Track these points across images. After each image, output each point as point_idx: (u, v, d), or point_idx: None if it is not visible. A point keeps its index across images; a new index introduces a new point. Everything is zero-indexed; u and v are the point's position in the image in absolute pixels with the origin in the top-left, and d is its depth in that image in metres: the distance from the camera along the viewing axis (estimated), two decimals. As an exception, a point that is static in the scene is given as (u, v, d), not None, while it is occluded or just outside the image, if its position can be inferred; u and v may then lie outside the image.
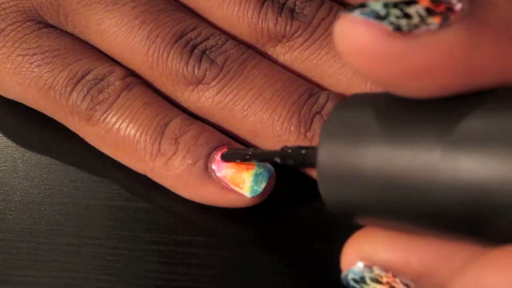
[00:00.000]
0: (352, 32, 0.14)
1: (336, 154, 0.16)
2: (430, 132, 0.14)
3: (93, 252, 0.24)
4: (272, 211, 0.25)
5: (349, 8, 0.14)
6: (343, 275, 0.17)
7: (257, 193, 0.24)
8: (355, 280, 0.17)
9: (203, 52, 0.26)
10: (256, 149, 0.24)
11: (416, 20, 0.14)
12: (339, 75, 0.27)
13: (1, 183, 0.27)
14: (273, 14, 0.27)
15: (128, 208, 0.26)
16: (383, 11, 0.14)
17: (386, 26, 0.14)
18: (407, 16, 0.14)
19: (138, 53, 0.26)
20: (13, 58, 0.27)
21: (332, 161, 0.16)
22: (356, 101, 0.16)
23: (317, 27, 0.27)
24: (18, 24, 0.27)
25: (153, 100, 0.26)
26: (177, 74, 0.26)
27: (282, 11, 0.27)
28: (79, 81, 0.26)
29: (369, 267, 0.16)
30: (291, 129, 0.25)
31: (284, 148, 0.21)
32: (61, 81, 0.26)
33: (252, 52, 0.27)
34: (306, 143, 0.25)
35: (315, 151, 0.17)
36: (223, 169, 0.24)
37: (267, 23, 0.27)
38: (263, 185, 0.24)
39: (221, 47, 0.26)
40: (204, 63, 0.26)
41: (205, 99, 0.26)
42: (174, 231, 0.25)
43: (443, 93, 0.14)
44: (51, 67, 0.26)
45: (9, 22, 0.27)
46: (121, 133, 0.25)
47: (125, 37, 0.27)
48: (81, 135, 0.27)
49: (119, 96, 0.26)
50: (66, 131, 0.27)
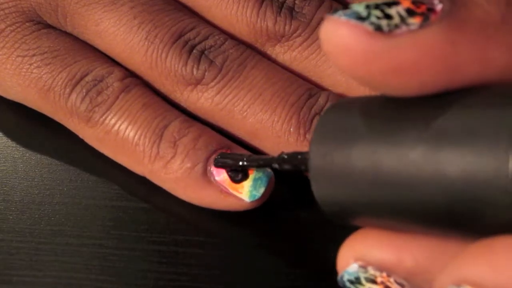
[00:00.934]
0: (335, 33, 0.15)
1: (326, 155, 0.16)
2: (413, 130, 0.15)
3: (93, 252, 0.24)
4: (272, 211, 0.25)
5: (334, 10, 0.15)
6: (339, 276, 0.17)
7: (256, 198, 0.24)
8: (350, 281, 0.17)
9: (202, 52, 0.26)
10: (251, 155, 0.24)
11: (396, 20, 0.14)
12: (338, 75, 0.27)
13: (1, 183, 0.27)
14: (272, 13, 0.27)
15: (128, 208, 0.26)
16: (364, 12, 0.14)
17: (367, 26, 0.14)
18: (388, 16, 0.14)
19: (137, 53, 0.26)
20: (13, 59, 0.27)
21: (323, 162, 0.16)
22: (345, 105, 0.17)
23: (316, 27, 0.27)
24: (17, 25, 0.27)
25: (152, 102, 0.26)
26: (176, 74, 0.26)
27: (281, 10, 0.27)
28: (78, 82, 0.26)
29: (363, 267, 0.16)
30: (290, 130, 0.25)
31: (281, 154, 0.21)
32: (60, 82, 0.26)
33: (251, 52, 0.27)
34: (305, 144, 0.25)
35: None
36: (222, 173, 0.24)
37: (266, 22, 0.27)
38: (262, 190, 0.24)
39: (220, 47, 0.26)
40: (203, 64, 0.26)
41: (204, 99, 0.26)
42: (174, 231, 0.25)
43: (424, 91, 0.15)
44: (50, 68, 0.26)
45: (8, 22, 0.27)
46: (120, 135, 0.25)
47: (124, 37, 0.27)
48: (80, 136, 0.27)
49: (117, 97, 0.26)
50: (66, 131, 0.27)
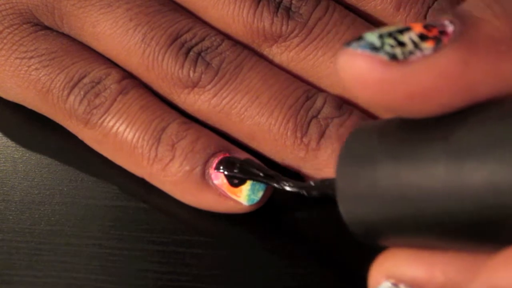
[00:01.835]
0: (351, 65, 0.15)
1: (352, 178, 0.17)
2: (434, 145, 0.15)
3: (93, 252, 0.24)
4: (272, 211, 0.25)
5: (347, 41, 0.15)
6: None
7: (254, 201, 0.24)
8: None
9: (199, 54, 0.26)
10: (280, 177, 0.24)
11: (410, 47, 0.15)
12: (336, 76, 0.26)
13: (1, 183, 0.27)
14: (268, 13, 0.27)
15: (128, 208, 0.26)
16: (378, 42, 0.15)
17: (382, 56, 0.15)
18: (401, 44, 0.15)
19: (133, 55, 0.26)
20: (11, 61, 0.27)
21: (349, 185, 0.17)
22: (366, 128, 0.17)
23: (313, 27, 0.27)
24: (15, 26, 0.27)
25: (150, 104, 0.26)
26: (172, 77, 0.26)
27: (278, 10, 0.27)
28: (76, 84, 0.26)
29: (395, 285, 0.17)
30: (287, 134, 0.25)
31: (309, 182, 0.22)
32: (58, 84, 0.26)
33: (248, 53, 0.27)
34: (302, 148, 0.25)
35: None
36: (220, 177, 0.24)
37: (262, 23, 0.27)
38: (260, 193, 0.24)
39: (216, 48, 0.26)
40: (200, 66, 0.26)
41: (201, 102, 0.26)
42: (174, 231, 0.25)
43: (443, 111, 0.15)
44: (48, 70, 0.26)
45: (6, 24, 0.27)
46: (119, 138, 0.25)
47: (120, 40, 0.27)
48: (80, 137, 0.27)
49: (115, 100, 0.26)
50: (66, 131, 0.27)
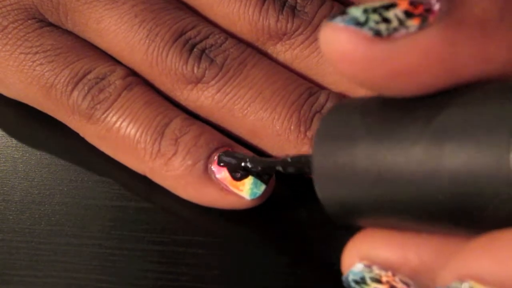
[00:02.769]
0: (334, 39, 0.14)
1: (329, 156, 0.16)
2: (414, 127, 0.15)
3: (93, 252, 0.24)
4: (272, 211, 0.25)
5: (331, 15, 0.15)
6: (344, 277, 0.17)
7: (257, 195, 0.24)
8: (355, 281, 0.17)
9: (203, 51, 0.26)
10: (255, 156, 0.24)
11: (395, 23, 0.14)
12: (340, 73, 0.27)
13: (1, 183, 0.27)
14: (274, 11, 0.27)
15: (128, 208, 0.26)
16: (362, 17, 0.14)
17: (366, 31, 0.14)
18: (386, 20, 0.14)
19: (137, 51, 0.26)
20: (16, 56, 0.27)
21: (326, 163, 0.16)
22: (345, 106, 0.17)
23: (318, 25, 0.27)
24: (20, 22, 0.27)
25: (154, 100, 0.26)
26: (176, 72, 0.26)
27: (283, 8, 0.27)
28: (80, 80, 0.26)
29: (368, 267, 0.16)
30: (291, 128, 0.25)
31: (285, 157, 0.21)
32: (62, 80, 0.26)
33: (252, 51, 0.27)
34: (306, 142, 0.25)
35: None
36: (222, 171, 0.24)
37: (268, 20, 0.27)
38: (263, 187, 0.24)
39: (220, 46, 0.26)
40: (204, 62, 0.26)
41: (204, 98, 0.26)
42: (174, 231, 0.25)
43: (426, 91, 0.15)
44: (53, 65, 0.26)
45: (11, 20, 0.27)
46: (121, 133, 0.25)
47: (125, 36, 0.27)
48: (81, 134, 0.27)
49: (119, 95, 0.26)
50: (66, 131, 0.27)
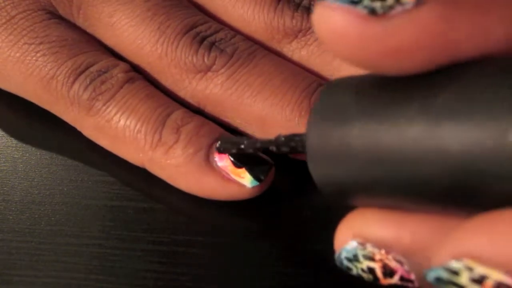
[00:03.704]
0: (328, 19, 0.14)
1: (324, 135, 0.16)
2: (411, 105, 0.14)
3: (93, 252, 0.24)
4: (272, 211, 0.25)
5: None
6: (336, 254, 0.17)
7: (257, 183, 0.24)
8: (348, 259, 0.17)
9: (213, 43, 0.27)
10: (249, 138, 0.24)
11: (390, 1, 0.14)
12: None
13: (1, 183, 0.27)
14: (289, 10, 0.28)
15: (128, 208, 0.26)
16: None
17: (360, 10, 0.14)
18: None
19: (147, 43, 0.27)
20: (20, 46, 0.27)
21: (321, 142, 0.16)
22: (341, 84, 0.16)
23: None
24: (28, 12, 0.27)
25: (155, 93, 0.26)
26: (186, 62, 0.26)
27: (298, 8, 0.28)
28: (82, 72, 0.26)
29: (362, 244, 0.16)
30: (301, 114, 0.25)
31: (279, 137, 0.21)
32: (64, 71, 0.26)
33: (259, 47, 0.27)
34: None
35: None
36: (224, 159, 0.24)
37: (283, 19, 0.28)
38: (263, 175, 0.24)
39: (230, 39, 0.27)
40: (214, 52, 0.26)
41: (213, 85, 0.26)
42: (174, 231, 0.25)
43: (423, 69, 0.14)
44: (56, 56, 0.27)
45: (20, 9, 0.27)
46: (122, 123, 0.26)
47: (136, 28, 0.27)
48: (78, 127, 0.27)
49: (121, 87, 0.26)
50: (66, 131, 0.27)
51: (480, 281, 0.13)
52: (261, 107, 0.26)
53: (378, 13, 0.14)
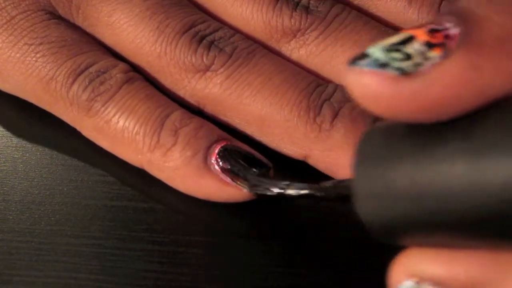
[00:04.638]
0: (361, 83, 0.15)
1: (369, 178, 0.16)
2: (452, 144, 0.15)
3: (93, 252, 0.24)
4: (272, 211, 0.25)
5: (351, 59, 0.15)
6: None
7: None
8: None
9: (212, 42, 0.27)
10: (290, 183, 0.23)
11: (417, 59, 0.14)
12: None
13: (1, 183, 0.27)
14: (288, 9, 0.28)
15: (128, 208, 0.26)
16: (384, 58, 0.14)
17: (391, 72, 0.14)
18: (407, 55, 0.14)
19: (146, 42, 0.27)
20: (20, 46, 0.27)
21: (367, 185, 0.16)
22: (378, 129, 0.17)
23: (332, 21, 0.27)
24: (29, 12, 0.27)
25: (154, 94, 0.26)
26: (185, 61, 0.26)
27: (296, 7, 0.28)
28: (82, 72, 0.26)
29: (418, 283, 0.16)
30: (300, 113, 0.25)
31: (321, 183, 0.21)
32: (63, 72, 0.26)
33: (259, 46, 0.27)
34: (315, 128, 0.25)
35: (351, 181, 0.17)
36: (221, 162, 0.24)
37: (281, 18, 0.28)
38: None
39: (229, 38, 0.27)
40: (213, 51, 0.26)
41: (213, 85, 0.26)
42: (174, 231, 0.25)
43: (457, 115, 0.15)
44: (56, 57, 0.27)
45: (20, 10, 0.27)
46: (120, 124, 0.26)
47: (135, 28, 0.27)
48: (78, 128, 0.27)
49: (120, 88, 0.26)
50: (66, 131, 0.27)
51: None
52: (261, 107, 0.26)
53: (408, 72, 0.14)
